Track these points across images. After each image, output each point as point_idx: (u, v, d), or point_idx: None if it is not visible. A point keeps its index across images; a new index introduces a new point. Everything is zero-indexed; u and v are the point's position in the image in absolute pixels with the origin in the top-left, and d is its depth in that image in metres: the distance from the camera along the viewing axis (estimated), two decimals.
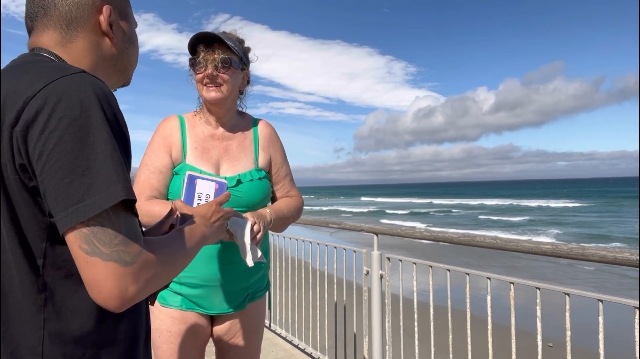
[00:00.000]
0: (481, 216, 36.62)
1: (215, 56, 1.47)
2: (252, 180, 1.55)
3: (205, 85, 1.50)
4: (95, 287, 0.69)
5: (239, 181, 1.52)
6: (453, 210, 46.64)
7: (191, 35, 1.49)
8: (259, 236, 1.39)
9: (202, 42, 1.49)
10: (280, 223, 1.59)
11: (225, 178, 1.50)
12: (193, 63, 1.51)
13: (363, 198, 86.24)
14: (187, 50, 1.53)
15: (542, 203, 50.72)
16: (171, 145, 1.54)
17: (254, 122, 1.70)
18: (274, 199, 1.71)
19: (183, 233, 0.89)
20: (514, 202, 55.20)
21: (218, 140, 1.58)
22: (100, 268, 0.68)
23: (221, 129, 1.60)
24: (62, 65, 0.79)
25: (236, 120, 1.65)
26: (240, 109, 1.69)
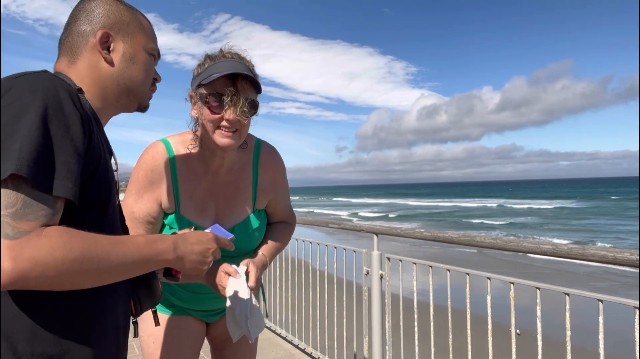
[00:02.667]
0: (461, 220, 35.75)
1: (242, 99, 1.23)
2: (247, 232, 1.42)
3: (220, 128, 1.26)
4: None
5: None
6: (434, 211, 46.02)
7: (192, 35, 1.45)
8: (255, 285, 1.29)
9: (227, 76, 1.22)
10: (273, 258, 1.53)
11: None
12: (214, 101, 1.23)
13: (337, 198, 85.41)
14: (188, 50, 1.55)
15: (534, 204, 49.83)
16: (161, 194, 1.33)
17: (256, 152, 1.46)
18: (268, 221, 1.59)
19: (130, 241, 0.82)
20: (503, 203, 54.30)
21: (213, 184, 1.39)
22: None
23: (218, 170, 1.39)
24: (34, 71, 0.84)
25: (236, 155, 1.42)
26: None
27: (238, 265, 1.30)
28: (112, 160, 0.97)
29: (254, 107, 1.28)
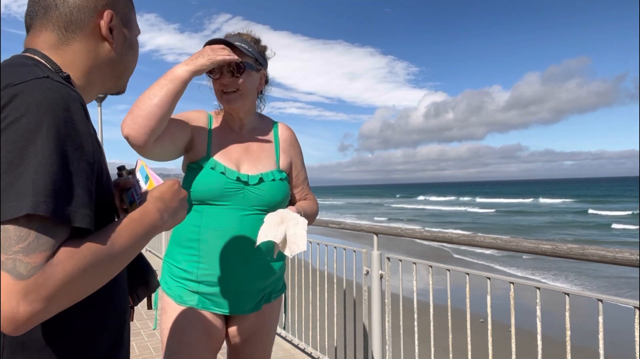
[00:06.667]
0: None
1: (230, 63, 1.47)
2: (274, 180, 1.54)
3: (222, 92, 1.51)
4: None
5: (261, 180, 1.52)
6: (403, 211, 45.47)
7: (192, 35, 1.54)
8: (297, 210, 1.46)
9: None
10: (306, 214, 1.60)
11: (248, 176, 1.51)
12: (211, 72, 1.50)
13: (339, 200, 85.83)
14: (189, 50, 1.58)
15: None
16: (197, 131, 1.53)
17: (275, 125, 1.70)
18: (292, 202, 1.70)
19: (123, 229, 0.77)
20: (467, 204, 53.06)
21: (239, 140, 1.59)
22: None
23: (242, 131, 1.61)
24: (31, 70, 0.74)
25: (256, 122, 1.65)
26: (259, 111, 1.69)
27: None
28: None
29: (240, 67, 1.47)
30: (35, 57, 0.82)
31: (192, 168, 1.51)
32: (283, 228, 1.37)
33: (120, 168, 1.06)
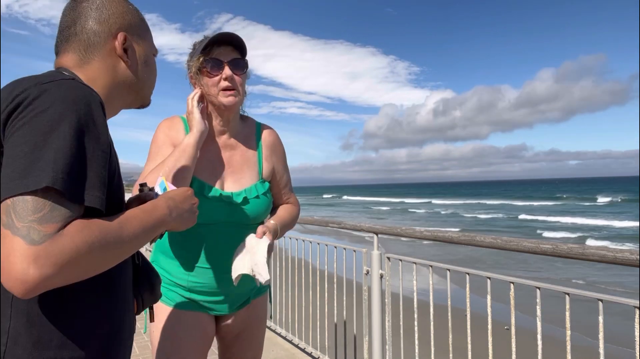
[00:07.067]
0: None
1: (232, 58, 1.44)
2: (257, 197, 1.53)
3: (223, 88, 1.45)
4: (0, 264, 0.68)
5: (245, 199, 1.50)
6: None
7: (194, 35, 1.49)
8: (270, 242, 1.41)
9: (216, 44, 1.44)
10: (282, 232, 1.61)
11: (232, 194, 1.49)
12: (208, 64, 1.44)
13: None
14: (189, 50, 1.51)
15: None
16: (176, 145, 1.47)
17: (257, 128, 1.65)
18: (274, 205, 1.70)
19: (132, 216, 0.85)
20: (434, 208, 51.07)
21: (222, 149, 1.54)
22: (7, 241, 0.68)
23: (225, 136, 1.55)
24: (61, 75, 0.85)
25: (239, 125, 1.60)
26: (242, 112, 1.64)
27: (254, 231, 1.44)
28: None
29: (244, 65, 1.47)
30: (64, 72, 0.93)
31: None
32: (248, 258, 1.38)
33: (142, 185, 1.12)
